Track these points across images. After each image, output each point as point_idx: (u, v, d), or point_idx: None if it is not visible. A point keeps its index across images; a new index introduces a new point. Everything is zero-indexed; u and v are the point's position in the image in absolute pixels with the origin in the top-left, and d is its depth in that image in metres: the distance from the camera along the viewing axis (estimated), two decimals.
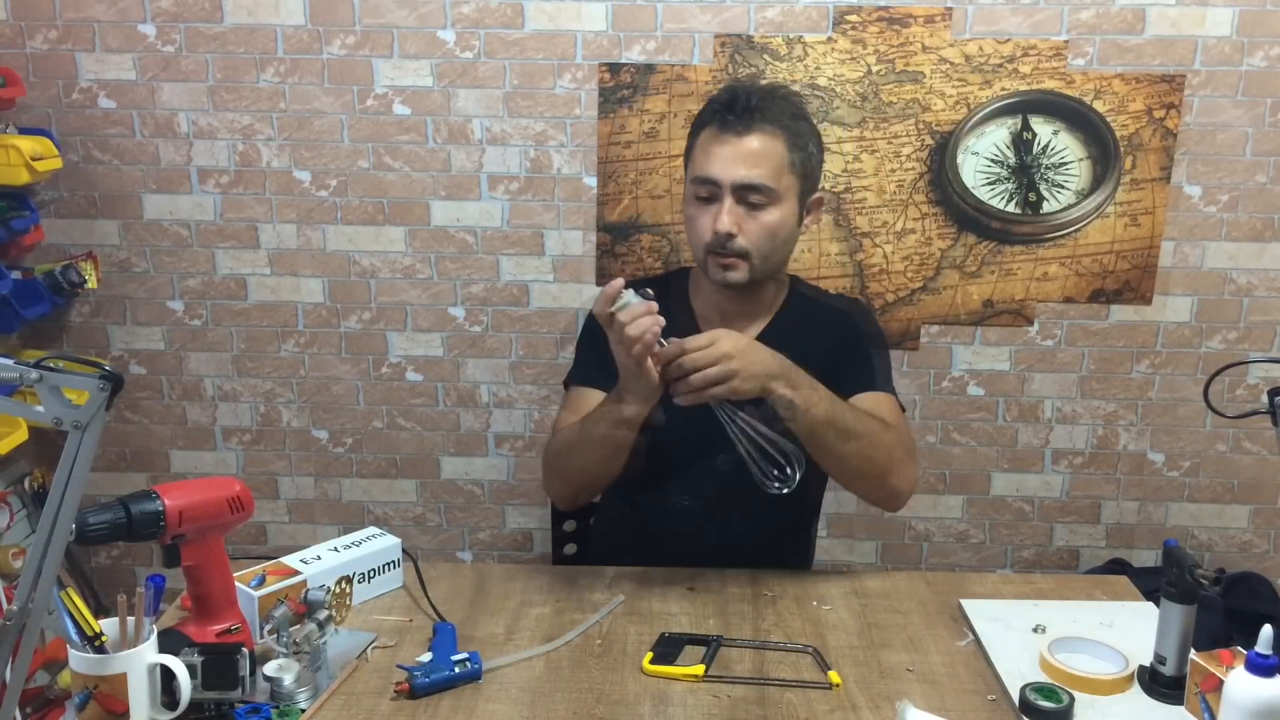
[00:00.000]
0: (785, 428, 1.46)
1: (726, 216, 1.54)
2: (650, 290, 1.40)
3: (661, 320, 1.38)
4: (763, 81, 1.62)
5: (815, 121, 1.65)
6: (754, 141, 1.54)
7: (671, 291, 1.71)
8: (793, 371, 1.45)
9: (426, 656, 1.33)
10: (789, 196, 1.57)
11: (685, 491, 1.68)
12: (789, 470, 1.44)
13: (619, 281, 1.38)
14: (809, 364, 1.63)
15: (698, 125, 1.61)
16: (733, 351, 1.39)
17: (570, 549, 2.06)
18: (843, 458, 1.51)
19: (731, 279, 1.58)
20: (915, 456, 1.62)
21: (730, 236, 1.54)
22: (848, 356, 1.66)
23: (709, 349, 1.39)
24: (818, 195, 1.65)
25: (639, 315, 1.37)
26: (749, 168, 1.53)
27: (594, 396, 1.64)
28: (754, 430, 1.43)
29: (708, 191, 1.56)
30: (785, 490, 1.44)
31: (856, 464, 1.53)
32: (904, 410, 1.69)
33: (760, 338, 1.65)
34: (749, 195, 1.54)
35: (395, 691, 1.27)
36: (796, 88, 2.21)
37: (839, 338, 1.69)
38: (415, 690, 1.26)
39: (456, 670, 1.29)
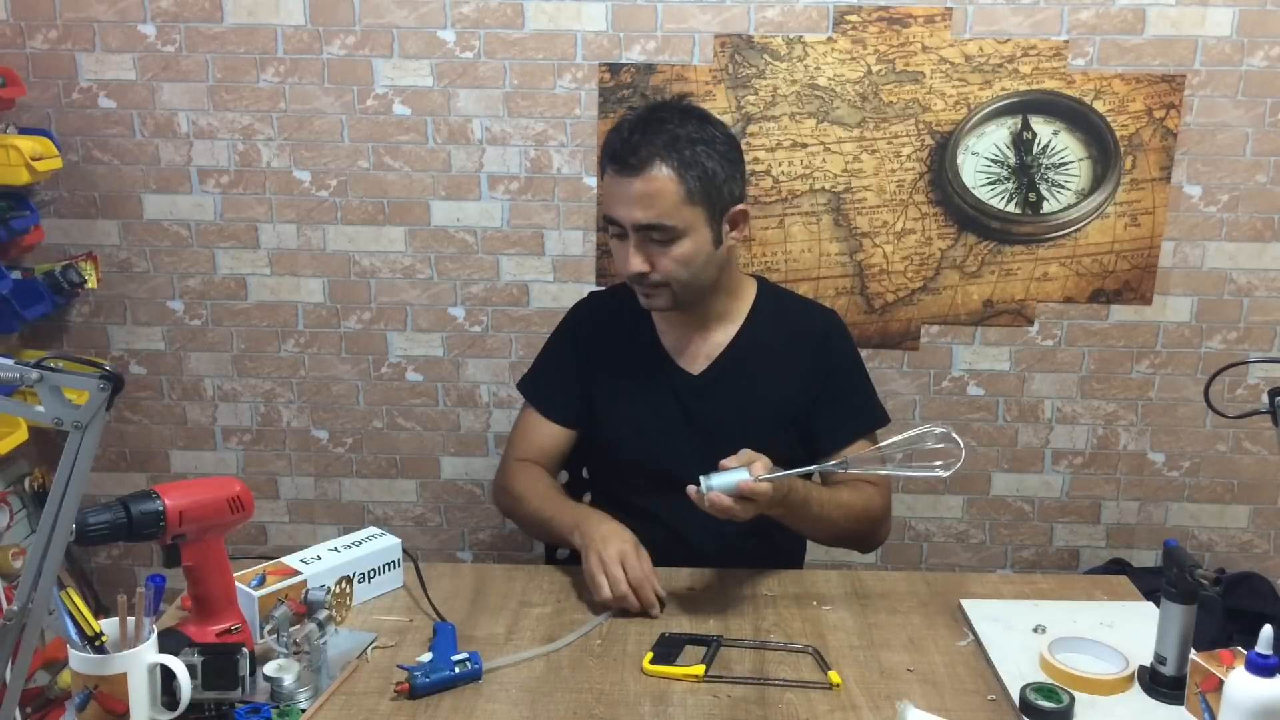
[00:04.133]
0: None
1: (634, 259, 1.54)
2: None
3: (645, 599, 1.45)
4: (656, 100, 1.61)
5: (733, 129, 1.60)
6: (641, 183, 1.49)
7: (634, 302, 1.71)
8: (789, 495, 1.45)
9: (426, 656, 1.33)
10: (695, 225, 1.53)
11: (674, 499, 1.68)
12: None
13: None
14: (786, 365, 1.67)
15: (602, 162, 1.59)
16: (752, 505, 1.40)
17: (563, 553, 2.05)
18: (828, 538, 1.66)
19: (656, 306, 1.61)
20: (890, 505, 1.69)
21: (642, 275, 1.55)
22: (833, 384, 1.68)
23: (736, 501, 1.38)
24: (740, 208, 1.58)
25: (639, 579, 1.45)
26: (644, 210, 1.50)
27: (542, 427, 1.72)
28: None
29: (617, 230, 1.56)
30: None
31: (839, 540, 1.67)
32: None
33: (733, 343, 1.69)
34: (652, 234, 1.53)
35: (395, 691, 1.27)
36: (796, 88, 2.22)
37: (821, 349, 1.69)
38: (415, 690, 1.26)
39: (456, 670, 1.28)
